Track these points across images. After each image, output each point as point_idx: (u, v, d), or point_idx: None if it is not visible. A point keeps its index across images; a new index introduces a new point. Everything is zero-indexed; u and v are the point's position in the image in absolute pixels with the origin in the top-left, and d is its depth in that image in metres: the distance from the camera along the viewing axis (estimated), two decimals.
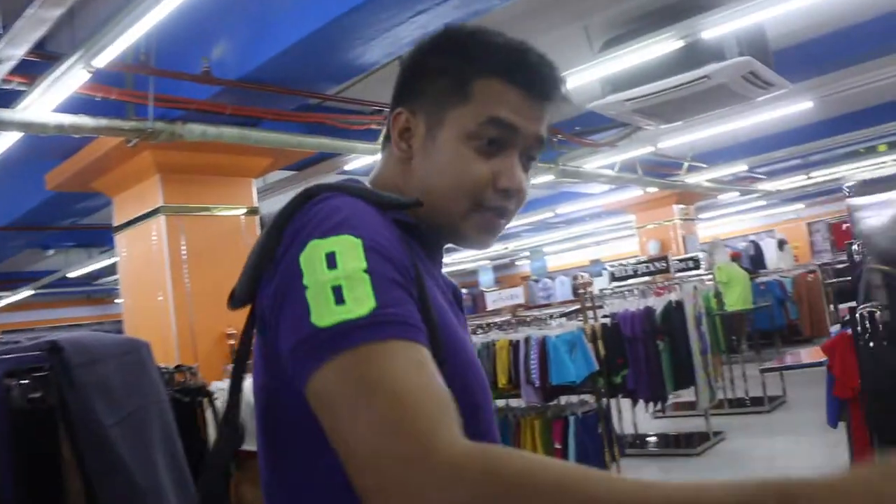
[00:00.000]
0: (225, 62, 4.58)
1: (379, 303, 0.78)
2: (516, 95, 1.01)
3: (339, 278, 0.79)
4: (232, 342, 5.29)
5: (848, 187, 2.96)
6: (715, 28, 4.72)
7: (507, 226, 1.09)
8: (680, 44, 4.82)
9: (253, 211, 5.96)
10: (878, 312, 2.31)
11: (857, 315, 2.39)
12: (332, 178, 1.03)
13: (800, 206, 19.01)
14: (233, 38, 4.61)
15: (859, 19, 6.58)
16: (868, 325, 2.31)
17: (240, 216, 5.86)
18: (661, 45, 4.89)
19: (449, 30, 1.08)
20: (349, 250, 0.81)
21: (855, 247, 2.64)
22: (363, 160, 6.56)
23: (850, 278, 3.82)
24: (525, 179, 1.05)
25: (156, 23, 3.55)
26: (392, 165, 1.07)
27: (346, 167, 6.95)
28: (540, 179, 8.44)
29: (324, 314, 0.78)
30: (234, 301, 0.96)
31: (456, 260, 18.96)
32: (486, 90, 1.00)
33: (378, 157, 1.14)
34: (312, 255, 0.82)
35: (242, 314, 0.98)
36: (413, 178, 1.04)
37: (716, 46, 5.01)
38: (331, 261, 0.81)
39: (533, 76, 1.02)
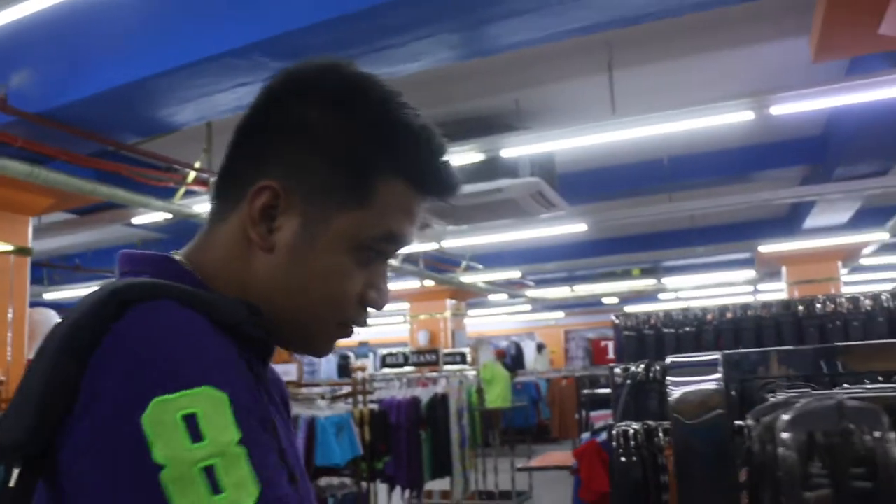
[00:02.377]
0: (25, 93, 4.35)
1: (262, 484, 0.61)
2: (417, 202, 0.81)
3: (211, 456, 0.59)
4: None
5: (616, 315, 3.36)
6: (513, 148, 5.18)
7: None
8: (481, 157, 5.23)
9: (24, 251, 5.54)
10: (632, 430, 2.64)
11: (615, 432, 2.71)
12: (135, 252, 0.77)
13: (560, 314, 20.56)
14: (40, 72, 4.40)
15: (631, 160, 7.47)
16: (622, 441, 2.63)
17: (9, 255, 5.43)
18: (464, 156, 5.27)
19: (346, 75, 0.80)
20: (215, 412, 0.61)
21: (617, 370, 3.00)
22: (151, 216, 6.38)
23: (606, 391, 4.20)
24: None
25: None
26: (233, 247, 0.79)
27: (134, 219, 6.70)
28: None
29: None
30: (8, 448, 0.64)
31: None
32: (389, 194, 0.79)
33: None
34: (163, 419, 0.59)
35: None
36: (263, 272, 0.79)
37: (511, 164, 5.49)
38: (193, 429, 0.60)
39: (443, 183, 0.82)
